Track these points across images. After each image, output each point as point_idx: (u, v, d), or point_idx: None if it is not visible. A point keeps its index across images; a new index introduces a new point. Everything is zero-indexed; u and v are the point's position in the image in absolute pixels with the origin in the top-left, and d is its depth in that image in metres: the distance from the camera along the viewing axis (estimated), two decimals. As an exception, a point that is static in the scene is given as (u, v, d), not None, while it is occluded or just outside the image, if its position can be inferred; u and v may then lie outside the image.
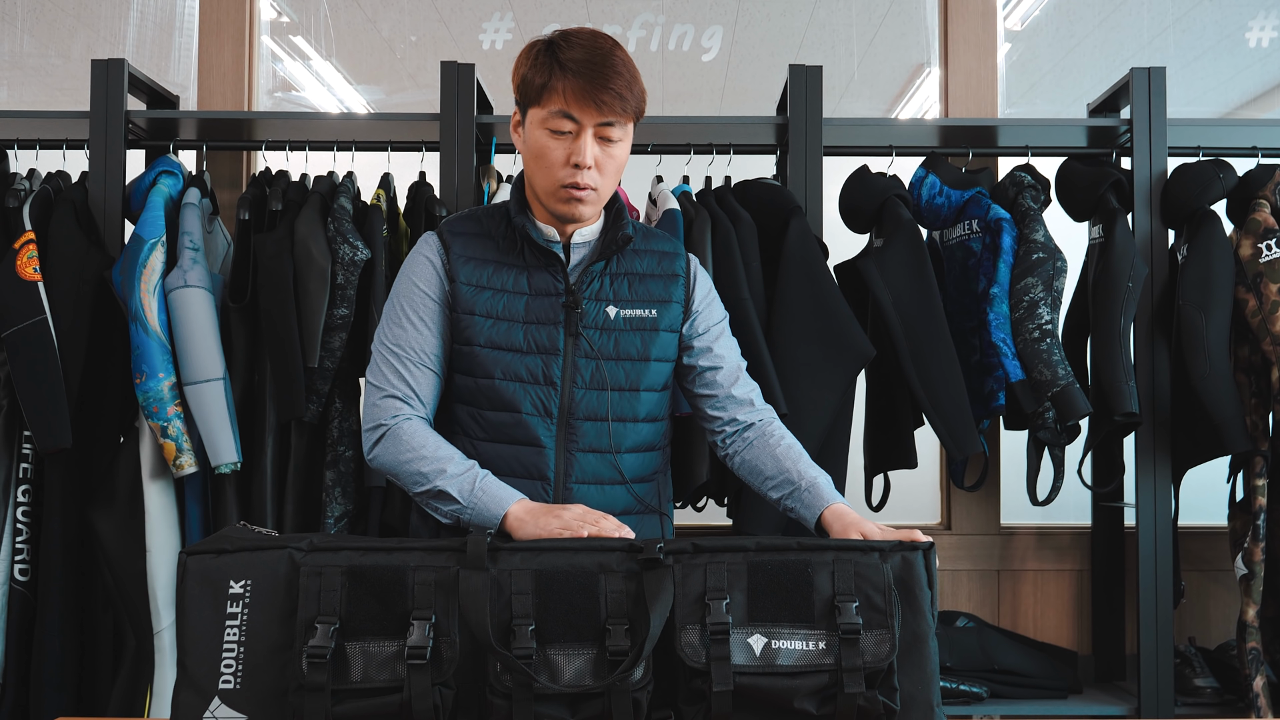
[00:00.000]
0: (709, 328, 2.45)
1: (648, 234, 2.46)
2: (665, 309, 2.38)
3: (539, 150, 2.24)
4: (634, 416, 2.34)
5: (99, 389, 3.26)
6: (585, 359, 2.30)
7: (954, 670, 3.42)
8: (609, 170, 2.26)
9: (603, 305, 2.33)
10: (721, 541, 1.86)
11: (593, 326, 2.31)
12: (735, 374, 2.46)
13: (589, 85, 2.17)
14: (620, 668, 1.73)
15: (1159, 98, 3.45)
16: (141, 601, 3.18)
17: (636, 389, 2.34)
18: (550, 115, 2.21)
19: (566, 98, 2.18)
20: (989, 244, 3.40)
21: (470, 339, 2.29)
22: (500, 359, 2.28)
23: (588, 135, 2.21)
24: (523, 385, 2.28)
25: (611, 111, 2.19)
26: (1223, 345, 3.27)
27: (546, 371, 2.28)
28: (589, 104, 2.18)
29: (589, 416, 2.30)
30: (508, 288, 2.31)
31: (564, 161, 2.22)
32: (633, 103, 2.22)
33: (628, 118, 2.24)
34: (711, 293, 2.50)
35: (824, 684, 1.74)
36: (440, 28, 4.35)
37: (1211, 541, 3.82)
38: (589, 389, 2.30)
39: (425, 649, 1.74)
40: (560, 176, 2.23)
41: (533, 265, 2.33)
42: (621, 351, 2.33)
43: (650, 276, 2.39)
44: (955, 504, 3.86)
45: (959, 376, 3.24)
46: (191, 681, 1.79)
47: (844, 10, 4.30)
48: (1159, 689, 3.40)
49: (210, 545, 1.86)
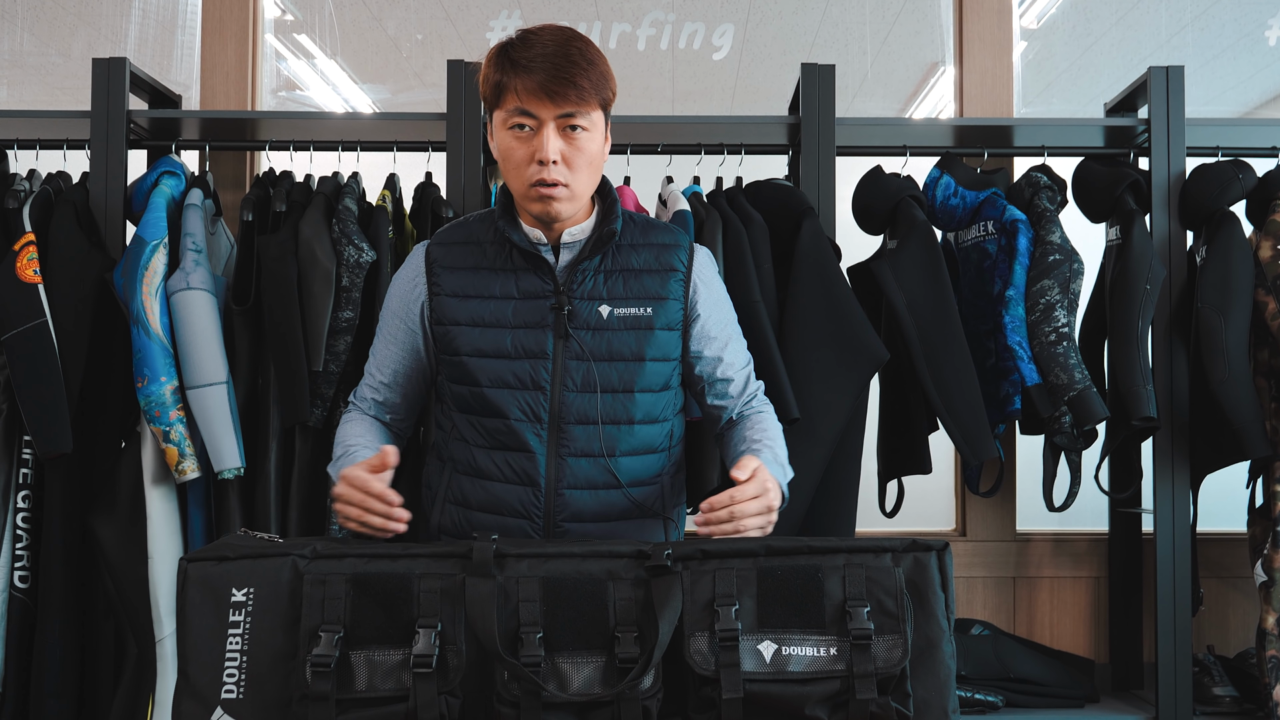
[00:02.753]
0: (712, 325, 2.40)
1: (648, 227, 2.41)
2: (662, 306, 2.32)
3: (505, 152, 2.23)
4: (629, 419, 2.29)
5: (100, 393, 3.24)
6: (576, 361, 2.26)
7: (969, 679, 3.39)
8: (579, 164, 2.21)
9: (595, 304, 2.28)
10: (730, 546, 1.86)
11: (584, 326, 2.27)
12: (741, 375, 2.43)
13: (543, 78, 2.13)
14: (630, 675, 1.73)
15: (1177, 97, 3.42)
16: (143, 609, 3.16)
17: (631, 390, 2.29)
18: (510, 114, 2.18)
19: (520, 94, 2.15)
20: (1004, 246, 3.38)
21: (456, 349, 2.29)
22: (487, 366, 2.27)
23: (548, 130, 2.16)
24: (511, 391, 2.26)
25: (568, 101, 2.15)
26: (1242, 348, 3.24)
27: (534, 376, 2.25)
28: (543, 97, 2.14)
29: (580, 420, 2.26)
30: (494, 293, 2.29)
31: (528, 159, 2.19)
32: (592, 90, 2.17)
33: (589, 106, 2.18)
34: (717, 287, 2.45)
35: (835, 690, 1.74)
36: (447, 26, 4.34)
37: (1230, 548, 3.80)
38: (580, 392, 2.26)
39: (431, 657, 1.74)
40: (527, 175, 2.20)
41: (520, 268, 2.30)
42: (614, 352, 2.28)
43: (646, 272, 2.33)
44: (970, 510, 3.84)
45: (974, 380, 3.21)
46: (193, 690, 1.79)
47: (857, 8, 4.29)
48: (1177, 698, 3.37)
49: (212, 552, 1.87)
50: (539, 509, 2.25)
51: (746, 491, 2.03)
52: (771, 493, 2.07)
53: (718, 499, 2.01)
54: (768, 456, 2.23)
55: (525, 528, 2.25)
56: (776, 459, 2.26)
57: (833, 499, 3.15)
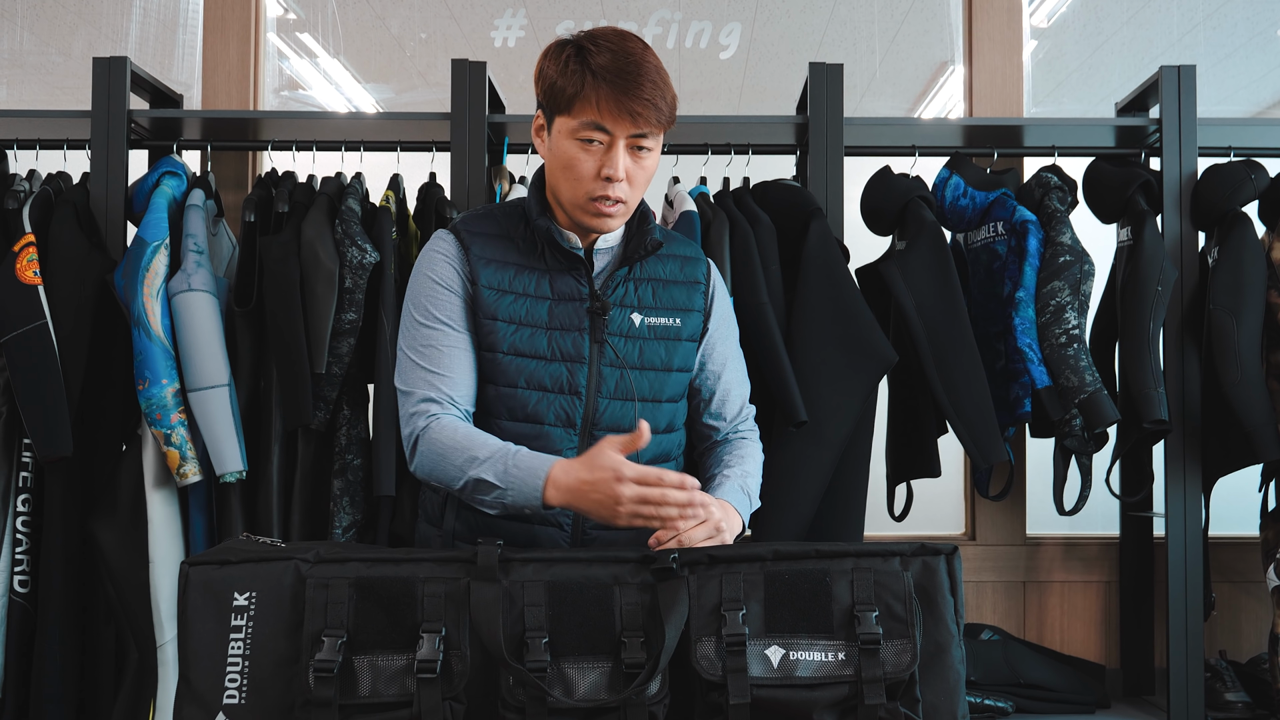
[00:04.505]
0: (718, 340, 2.42)
1: (667, 237, 2.41)
2: (688, 318, 2.34)
3: (568, 161, 2.18)
4: (655, 428, 2.26)
5: (100, 395, 3.22)
6: (610, 368, 2.24)
7: (979, 684, 3.37)
8: (639, 181, 2.21)
9: (627, 312, 2.28)
10: (737, 551, 1.87)
11: (618, 334, 2.26)
12: (738, 398, 2.46)
13: (623, 95, 2.11)
14: (636, 681, 1.73)
15: (1189, 96, 3.41)
16: (144, 614, 3.14)
17: (659, 400, 2.30)
18: (581, 126, 2.14)
19: (600, 109, 2.12)
20: (1014, 247, 3.36)
21: (493, 345, 2.23)
22: (524, 366, 2.22)
23: (620, 147, 2.15)
24: (546, 394, 2.22)
25: (646, 123, 2.13)
26: (1254, 350, 3.22)
27: (572, 380, 2.22)
28: (623, 115, 2.12)
29: (612, 427, 2.24)
30: (530, 292, 2.25)
31: (594, 174, 2.16)
32: (666, 112, 2.16)
33: (660, 128, 2.17)
34: (727, 307, 2.47)
35: (844, 695, 1.75)
36: (451, 24, 4.34)
37: (1243, 552, 3.78)
38: (613, 399, 2.25)
39: (435, 662, 1.74)
40: (590, 189, 2.17)
41: (555, 269, 2.27)
42: (646, 361, 2.28)
43: (674, 283, 2.34)
44: (980, 514, 3.82)
45: (984, 383, 3.19)
46: (195, 696, 1.79)
47: (866, 7, 4.29)
48: (1189, 704, 3.35)
49: (214, 556, 1.87)
50: (568, 517, 2.23)
51: (695, 536, 2.02)
52: (717, 516, 2.07)
53: (662, 534, 2.01)
54: (732, 487, 2.25)
55: (554, 535, 2.23)
56: (744, 488, 2.28)
57: (840, 502, 3.13)
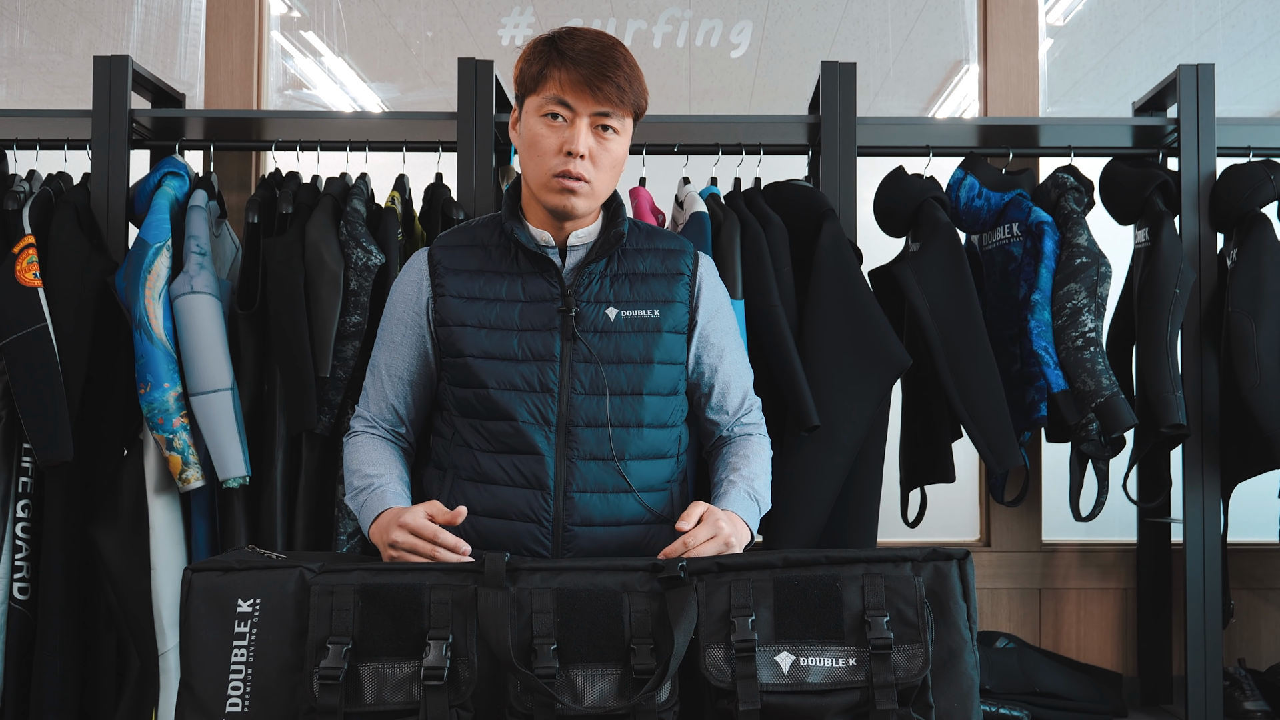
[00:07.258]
0: (711, 331, 2.43)
1: (653, 234, 2.46)
2: (669, 309, 2.36)
3: (533, 138, 2.26)
4: (638, 422, 2.30)
5: (101, 399, 3.21)
6: (584, 364, 2.28)
7: (994, 693, 3.35)
8: (604, 164, 2.27)
9: (602, 307, 2.32)
10: (746, 559, 1.88)
11: (591, 330, 2.30)
12: (738, 390, 2.47)
13: (587, 73, 2.20)
14: (646, 688, 1.73)
15: (1207, 96, 3.39)
16: (146, 621, 3.12)
17: (640, 393, 2.31)
18: (545, 102, 2.24)
19: (563, 84, 2.21)
20: (1030, 248, 3.35)
21: (461, 350, 2.30)
22: (494, 368, 2.28)
23: (582, 123, 2.22)
24: (519, 394, 2.27)
25: (608, 101, 2.22)
26: (1274, 354, 3.20)
27: (542, 379, 2.27)
28: (585, 91, 2.20)
29: (589, 423, 2.28)
30: (500, 296, 2.32)
31: (557, 149, 2.23)
32: (631, 96, 2.25)
33: (625, 111, 2.26)
34: (721, 298, 2.48)
35: (855, 701, 1.76)
36: (458, 23, 4.33)
37: (1262, 559, 3.77)
38: (588, 394, 2.28)
39: (442, 669, 1.73)
40: (552, 165, 2.24)
41: (526, 271, 2.33)
42: (623, 354, 2.31)
43: (653, 276, 2.37)
44: (995, 520, 3.81)
45: (999, 386, 3.17)
46: (197, 704, 1.79)
47: (879, 5, 4.28)
48: (1207, 712, 3.33)
49: (217, 563, 1.87)
50: (548, 513, 2.25)
51: (699, 536, 2.10)
52: (726, 531, 2.13)
53: (671, 548, 2.07)
54: (738, 494, 2.29)
55: (534, 532, 2.25)
56: (751, 493, 2.32)
57: (853, 508, 3.12)
